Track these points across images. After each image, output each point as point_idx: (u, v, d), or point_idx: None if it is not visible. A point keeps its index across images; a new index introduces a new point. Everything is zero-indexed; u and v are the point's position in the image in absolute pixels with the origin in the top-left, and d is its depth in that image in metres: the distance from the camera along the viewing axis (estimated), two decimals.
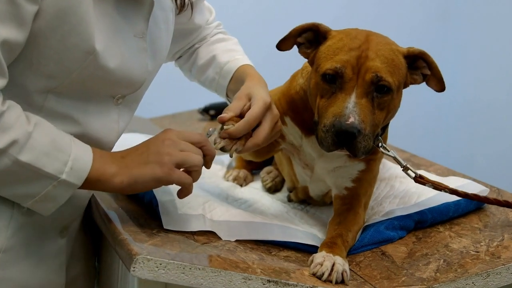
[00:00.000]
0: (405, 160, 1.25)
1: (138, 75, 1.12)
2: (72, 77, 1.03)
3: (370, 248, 1.18)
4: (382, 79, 1.10)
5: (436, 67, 1.17)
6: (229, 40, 1.43)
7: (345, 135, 1.07)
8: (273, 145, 1.32)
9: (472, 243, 1.20)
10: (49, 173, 0.98)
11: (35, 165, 0.97)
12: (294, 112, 1.26)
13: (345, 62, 1.11)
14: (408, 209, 1.28)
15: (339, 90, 1.11)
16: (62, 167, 0.99)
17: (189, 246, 1.08)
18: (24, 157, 0.96)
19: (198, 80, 1.43)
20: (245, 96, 1.19)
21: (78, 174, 1.01)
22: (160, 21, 1.18)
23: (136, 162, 1.05)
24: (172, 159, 1.05)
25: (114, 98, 1.13)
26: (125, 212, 1.21)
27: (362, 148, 1.09)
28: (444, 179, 1.45)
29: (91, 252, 1.37)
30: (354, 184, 1.26)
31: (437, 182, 1.21)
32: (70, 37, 0.99)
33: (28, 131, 0.96)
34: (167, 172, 1.04)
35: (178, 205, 1.19)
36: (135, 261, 0.96)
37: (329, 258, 1.06)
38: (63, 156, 0.99)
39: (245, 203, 1.38)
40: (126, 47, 1.08)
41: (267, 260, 1.10)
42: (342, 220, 1.20)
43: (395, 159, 1.21)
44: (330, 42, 1.16)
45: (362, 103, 1.09)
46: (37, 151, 0.97)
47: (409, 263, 1.13)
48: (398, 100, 1.16)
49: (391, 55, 1.13)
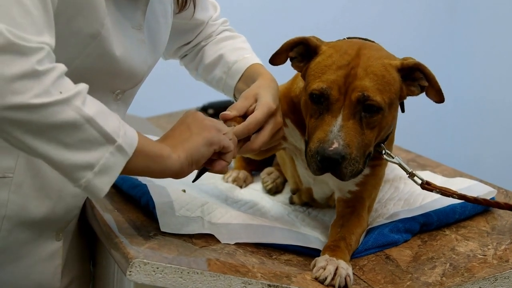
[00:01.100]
0: (411, 160, 1.25)
1: (139, 67, 1.13)
2: (74, 65, 1.02)
3: (374, 252, 1.18)
4: (370, 98, 1.10)
5: (433, 78, 1.16)
6: (237, 37, 1.43)
7: (329, 161, 1.08)
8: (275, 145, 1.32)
9: (479, 246, 1.20)
10: (109, 134, 0.91)
11: (97, 120, 0.90)
12: (294, 114, 1.26)
13: (332, 82, 1.11)
14: (413, 211, 1.28)
15: (326, 111, 1.11)
16: (117, 130, 0.93)
17: (187, 249, 1.07)
18: (88, 109, 0.89)
19: (204, 79, 1.43)
20: (252, 96, 1.19)
21: (130, 142, 0.94)
22: (158, 14, 1.19)
23: (182, 138, 1.03)
24: (214, 125, 1.05)
25: (114, 93, 1.13)
26: (120, 215, 1.21)
27: (349, 173, 1.10)
28: (450, 180, 1.45)
29: (86, 256, 1.37)
30: (358, 187, 1.26)
31: (445, 188, 1.20)
32: (74, 20, 0.98)
33: (86, 88, 0.91)
34: (216, 133, 1.04)
35: (175, 207, 1.19)
36: (132, 265, 0.96)
37: (332, 261, 1.06)
38: (114, 118, 0.94)
39: (245, 205, 1.38)
40: (126, 38, 1.09)
41: (268, 264, 1.09)
42: (345, 223, 1.20)
43: (400, 165, 1.20)
44: (320, 58, 1.16)
45: (348, 126, 1.09)
46: (96, 107, 0.91)
47: (414, 267, 1.12)
48: (391, 117, 1.15)
49: (382, 71, 1.12)
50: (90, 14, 0.99)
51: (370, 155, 1.15)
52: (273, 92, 1.20)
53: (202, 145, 1.03)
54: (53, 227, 1.17)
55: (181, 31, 1.36)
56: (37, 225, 1.13)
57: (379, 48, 1.18)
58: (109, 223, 1.16)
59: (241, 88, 1.31)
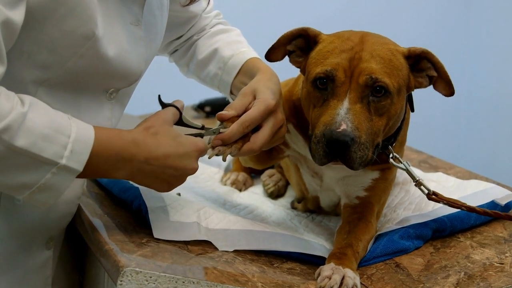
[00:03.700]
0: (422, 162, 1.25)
1: (135, 66, 1.13)
2: (66, 67, 1.02)
3: (383, 260, 1.18)
4: (378, 80, 1.10)
5: (442, 67, 1.16)
6: (232, 31, 1.43)
7: (337, 144, 1.06)
8: (276, 152, 1.32)
9: (496, 254, 1.20)
10: (48, 159, 0.94)
11: (31, 150, 0.93)
12: (296, 119, 1.26)
13: (336, 64, 1.11)
14: (425, 216, 1.28)
15: (331, 96, 1.11)
16: (61, 151, 0.95)
17: (182, 257, 1.07)
18: (19, 142, 0.92)
19: (197, 76, 1.42)
20: (251, 92, 1.18)
21: (78, 158, 0.97)
22: (154, 7, 1.19)
23: (147, 174, 1.05)
24: (181, 183, 1.09)
25: (107, 92, 1.13)
26: (111, 220, 1.21)
27: (359, 159, 1.08)
28: (464, 182, 1.45)
29: (74, 265, 1.37)
30: (366, 193, 1.26)
31: (453, 200, 1.20)
32: (66, 20, 0.99)
33: (23, 112, 0.93)
34: (168, 191, 1.10)
35: (170, 212, 1.19)
36: (123, 274, 0.96)
37: (339, 270, 1.06)
38: (62, 138, 0.96)
39: (245, 209, 1.38)
40: (123, 35, 1.09)
41: (269, 273, 1.09)
42: (352, 229, 1.20)
43: (407, 172, 1.20)
44: (321, 46, 1.16)
45: (356, 109, 1.09)
46: (34, 134, 0.93)
47: (426, 276, 1.12)
48: (399, 105, 1.15)
49: (389, 55, 1.12)
50: (83, 13, 0.99)
51: (378, 146, 1.14)
52: (273, 87, 1.20)
53: (152, 187, 1.09)
54: (44, 236, 1.17)
55: (173, 24, 1.36)
56: (28, 235, 1.13)
57: (383, 37, 1.18)
58: (99, 228, 1.16)
59: (238, 85, 1.31)
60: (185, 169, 1.06)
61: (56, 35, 0.99)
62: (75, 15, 0.99)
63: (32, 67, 1.01)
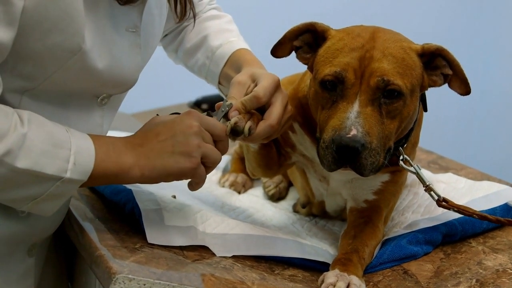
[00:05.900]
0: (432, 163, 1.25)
1: (129, 74, 1.13)
2: (52, 78, 1.03)
3: (390, 266, 1.18)
4: (390, 82, 1.09)
5: (458, 65, 1.15)
6: (223, 17, 1.43)
7: (347, 150, 1.06)
8: (284, 158, 1.32)
9: (510, 259, 1.20)
10: (52, 175, 0.99)
11: (34, 169, 0.97)
12: (303, 117, 1.26)
13: (346, 64, 1.10)
14: (434, 220, 1.28)
15: (341, 98, 1.11)
16: (64, 165, 1.00)
17: (178, 263, 1.07)
18: (21, 163, 0.96)
19: (185, 64, 1.43)
20: (248, 77, 1.19)
21: (82, 169, 1.01)
22: (152, 6, 1.18)
23: (158, 151, 1.06)
24: (200, 152, 1.07)
25: (98, 98, 1.13)
26: (102, 224, 1.21)
27: (370, 165, 1.08)
28: (476, 183, 1.45)
29: (63, 273, 1.37)
30: (375, 196, 1.26)
31: (463, 207, 1.20)
32: (50, 35, 0.99)
33: (23, 133, 0.97)
34: (194, 168, 1.07)
35: (164, 215, 1.19)
36: (115, 281, 0.96)
37: (343, 277, 1.06)
38: (63, 152, 1.00)
39: (244, 212, 1.38)
40: (116, 44, 1.09)
41: (270, 280, 1.09)
42: (357, 233, 1.20)
43: (417, 175, 1.20)
44: (329, 43, 1.16)
45: (366, 112, 1.09)
46: (35, 153, 0.97)
47: (435, 284, 1.13)
48: (413, 106, 1.15)
49: (401, 54, 1.12)
50: (68, 27, 1.00)
51: (390, 151, 1.14)
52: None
53: (174, 173, 1.07)
54: (27, 243, 1.16)
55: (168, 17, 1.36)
56: (9, 242, 1.12)
57: (396, 33, 1.18)
58: (89, 233, 1.16)
59: (226, 76, 1.31)
60: (184, 129, 1.06)
61: (39, 49, 1.00)
62: (59, 30, 1.00)
63: (15, 77, 1.03)
